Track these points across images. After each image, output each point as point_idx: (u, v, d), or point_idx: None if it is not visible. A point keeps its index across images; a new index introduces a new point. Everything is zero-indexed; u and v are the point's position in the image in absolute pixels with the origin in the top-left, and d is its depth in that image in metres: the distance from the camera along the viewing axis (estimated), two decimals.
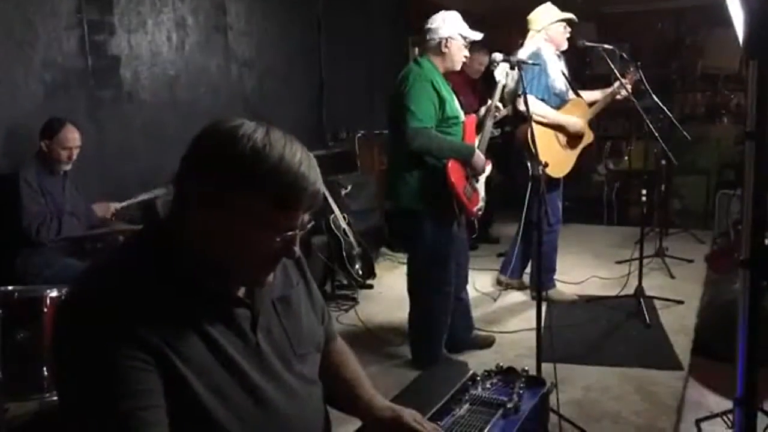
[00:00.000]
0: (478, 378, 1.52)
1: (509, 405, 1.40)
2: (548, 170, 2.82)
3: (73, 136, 3.33)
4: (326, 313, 1.44)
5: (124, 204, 3.70)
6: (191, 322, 1.09)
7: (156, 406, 1.02)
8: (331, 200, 4.59)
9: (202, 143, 1.11)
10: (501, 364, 1.58)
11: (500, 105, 3.50)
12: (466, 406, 1.42)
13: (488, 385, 1.50)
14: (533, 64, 3.57)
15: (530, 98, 3.25)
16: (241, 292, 1.19)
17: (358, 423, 1.39)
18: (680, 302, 4.21)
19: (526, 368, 1.55)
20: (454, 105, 3.26)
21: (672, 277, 4.83)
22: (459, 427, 1.33)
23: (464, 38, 3.22)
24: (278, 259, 1.16)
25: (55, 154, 3.31)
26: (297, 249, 1.15)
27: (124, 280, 1.07)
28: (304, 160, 1.09)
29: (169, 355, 1.04)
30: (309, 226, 1.12)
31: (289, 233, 1.12)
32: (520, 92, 3.51)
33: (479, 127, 3.40)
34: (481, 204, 3.41)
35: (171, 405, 1.04)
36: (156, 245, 1.13)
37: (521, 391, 1.45)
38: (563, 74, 4.10)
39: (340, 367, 1.42)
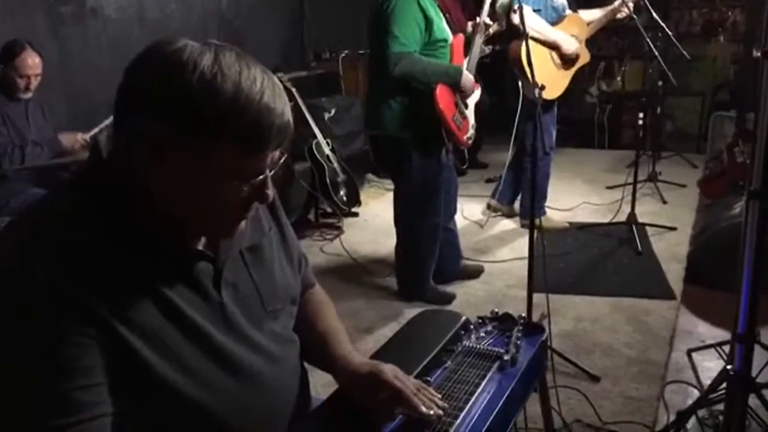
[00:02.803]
0: (472, 326, 1.40)
1: (506, 357, 1.27)
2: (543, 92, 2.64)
3: (32, 62, 3.09)
4: (303, 260, 1.29)
5: (91, 133, 3.47)
6: (140, 283, 0.92)
7: (97, 384, 0.87)
8: (313, 125, 4.38)
9: (140, 73, 0.90)
10: (496, 310, 1.46)
11: (489, 21, 3.26)
12: (459, 358, 1.29)
13: (483, 334, 1.38)
14: None
15: (526, 9, 2.98)
16: (201, 243, 1.02)
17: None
18: (673, 229, 4.14)
19: (523, 315, 1.42)
20: (442, 26, 3.01)
21: (664, 202, 4.74)
22: (452, 383, 1.20)
23: None
24: (249, 206, 0.99)
25: (11, 81, 3.08)
26: (270, 191, 0.98)
27: (58, 237, 0.89)
28: (266, 88, 0.90)
29: (114, 325, 0.88)
30: (281, 161, 0.95)
31: (259, 177, 0.95)
32: (515, 6, 3.26)
33: (467, 46, 3.17)
34: (471, 132, 3.22)
35: (126, 382, 0.89)
36: (98, 191, 0.94)
37: (518, 341, 1.33)
38: None
39: (315, 320, 1.27)
